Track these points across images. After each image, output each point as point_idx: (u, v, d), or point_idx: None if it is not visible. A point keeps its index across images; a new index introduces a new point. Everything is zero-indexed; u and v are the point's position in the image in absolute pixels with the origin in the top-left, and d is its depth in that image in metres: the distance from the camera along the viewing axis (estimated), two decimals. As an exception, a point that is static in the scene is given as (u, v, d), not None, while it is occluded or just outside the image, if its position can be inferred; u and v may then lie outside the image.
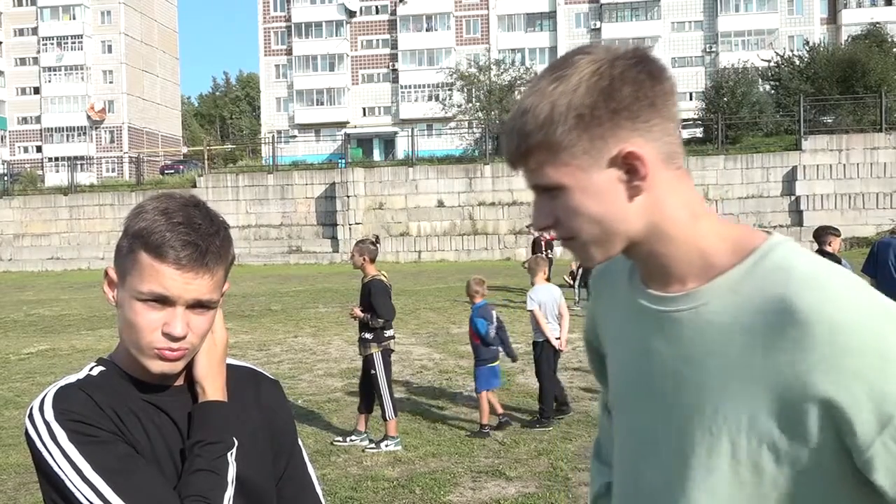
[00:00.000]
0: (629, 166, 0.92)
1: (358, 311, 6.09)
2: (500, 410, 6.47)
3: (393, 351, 6.27)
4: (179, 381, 1.24)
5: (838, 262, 6.91)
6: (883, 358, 0.82)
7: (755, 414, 0.89)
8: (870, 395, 0.82)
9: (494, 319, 6.41)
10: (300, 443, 1.38)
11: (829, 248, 6.98)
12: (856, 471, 0.86)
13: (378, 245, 6.30)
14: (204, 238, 1.13)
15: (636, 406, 1.04)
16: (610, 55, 0.92)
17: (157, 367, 1.14)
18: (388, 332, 6.15)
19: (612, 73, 0.91)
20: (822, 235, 7.17)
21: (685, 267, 0.97)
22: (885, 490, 0.85)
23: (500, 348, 6.50)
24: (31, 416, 1.13)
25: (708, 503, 0.93)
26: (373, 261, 6.13)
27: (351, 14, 58.43)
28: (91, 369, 1.22)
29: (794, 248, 0.93)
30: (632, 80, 0.91)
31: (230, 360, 1.33)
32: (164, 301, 1.12)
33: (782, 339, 0.87)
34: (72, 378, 1.19)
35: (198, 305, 1.14)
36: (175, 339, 1.13)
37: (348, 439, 6.20)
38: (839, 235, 7.25)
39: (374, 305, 5.96)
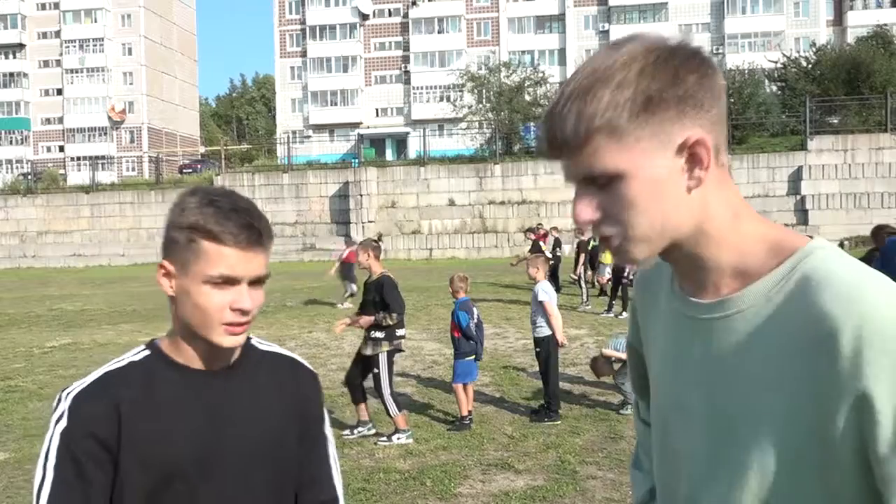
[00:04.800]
0: (693, 155, 0.89)
1: (364, 321, 5.93)
2: (469, 408, 6.44)
3: (402, 351, 6.17)
4: (227, 362, 1.32)
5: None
6: None
7: (788, 421, 0.86)
8: (893, 418, 0.79)
9: (475, 316, 6.49)
10: (327, 431, 1.44)
11: None
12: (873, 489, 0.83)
13: (381, 243, 6.26)
14: (255, 219, 1.24)
15: (673, 415, 1.01)
16: (667, 43, 0.90)
17: (227, 341, 1.24)
18: (400, 332, 6.02)
19: (676, 59, 0.89)
20: (879, 234, 6.95)
21: (723, 270, 0.93)
22: None
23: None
24: (58, 399, 1.26)
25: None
26: (378, 258, 6.08)
27: (364, 17, 58.65)
28: (136, 354, 1.32)
29: (832, 254, 0.88)
30: (695, 69, 0.89)
31: (275, 348, 1.45)
32: (231, 281, 1.22)
33: (814, 348, 0.83)
34: (112, 366, 1.30)
35: (256, 281, 1.25)
36: (246, 313, 1.24)
37: (355, 431, 6.15)
38: None
39: (388, 301, 5.83)
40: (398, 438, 5.98)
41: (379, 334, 5.97)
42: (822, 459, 0.84)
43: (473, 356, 6.45)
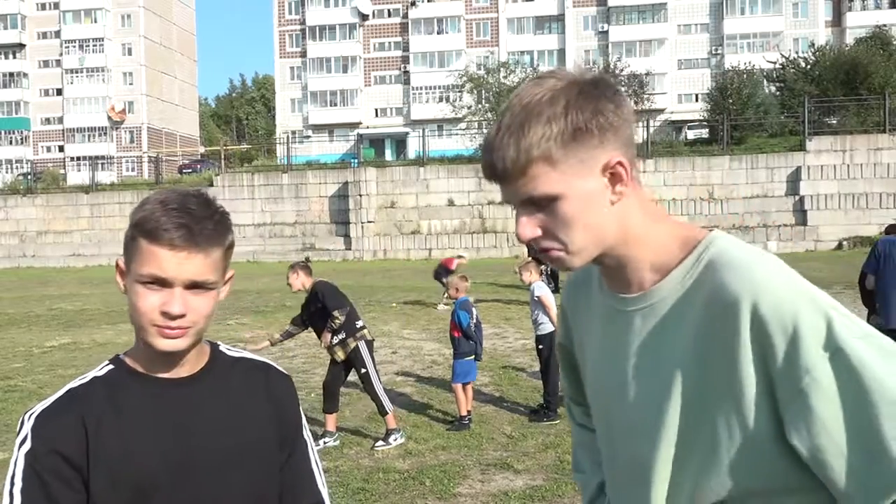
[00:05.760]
0: (614, 174, 1.02)
1: (324, 339, 5.97)
2: (468, 408, 6.48)
3: (373, 341, 6.15)
4: (192, 370, 1.27)
5: None
6: (796, 335, 0.92)
7: (707, 390, 0.99)
8: (786, 368, 0.93)
9: (474, 316, 6.56)
10: (306, 435, 1.40)
11: None
12: (786, 442, 0.96)
13: (309, 264, 6.37)
14: (196, 220, 1.17)
15: (615, 404, 1.12)
16: (585, 78, 1.03)
17: (161, 344, 1.19)
18: (359, 323, 6.02)
19: (596, 93, 1.01)
20: (893, 231, 7.11)
21: (644, 267, 1.06)
22: (801, 452, 0.94)
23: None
24: (21, 423, 1.20)
25: (675, 468, 1.04)
26: (309, 276, 6.12)
27: (364, 17, 58.88)
28: (100, 369, 1.28)
29: (729, 242, 1.03)
30: (611, 99, 1.02)
31: (245, 353, 1.39)
32: (162, 282, 1.16)
33: (721, 318, 0.97)
34: (75, 383, 1.26)
35: (194, 286, 1.18)
36: (173, 318, 1.16)
37: (320, 442, 5.85)
38: None
39: (327, 304, 5.86)
40: (395, 440, 5.96)
41: (340, 336, 5.96)
42: (739, 410, 0.97)
43: (473, 356, 6.50)
